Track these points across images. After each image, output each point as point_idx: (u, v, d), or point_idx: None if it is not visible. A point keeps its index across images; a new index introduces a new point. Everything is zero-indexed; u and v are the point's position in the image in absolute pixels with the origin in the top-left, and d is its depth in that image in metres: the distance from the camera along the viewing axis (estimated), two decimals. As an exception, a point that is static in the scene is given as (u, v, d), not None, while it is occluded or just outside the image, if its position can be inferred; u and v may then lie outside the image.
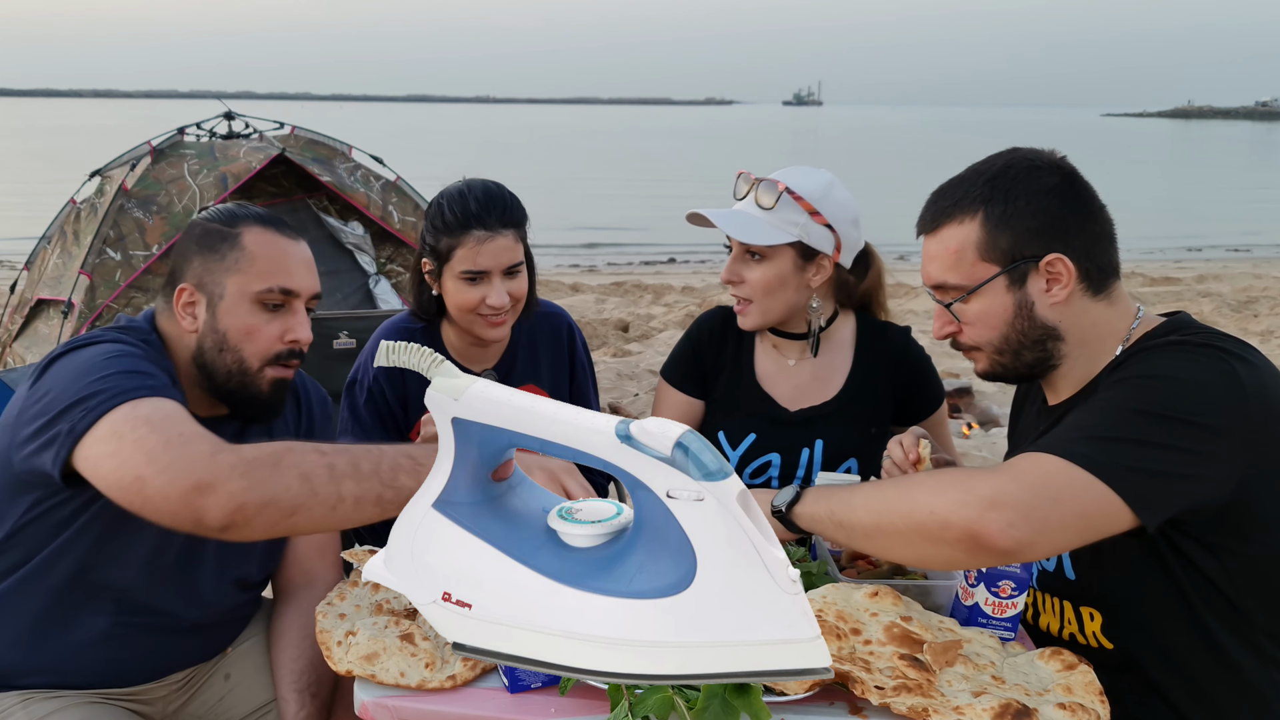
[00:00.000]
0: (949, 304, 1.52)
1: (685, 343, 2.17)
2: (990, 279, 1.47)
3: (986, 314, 1.49)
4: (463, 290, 1.96)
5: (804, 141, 61.38)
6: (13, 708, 1.52)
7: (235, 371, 1.59)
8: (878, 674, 1.28)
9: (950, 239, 1.49)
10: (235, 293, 1.58)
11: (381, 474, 1.30)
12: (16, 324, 5.36)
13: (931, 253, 1.53)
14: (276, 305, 1.60)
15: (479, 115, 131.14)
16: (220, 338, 1.58)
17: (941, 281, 1.52)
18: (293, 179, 5.56)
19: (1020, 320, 1.47)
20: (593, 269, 12.67)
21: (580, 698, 1.29)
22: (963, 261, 1.48)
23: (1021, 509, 1.26)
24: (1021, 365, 1.52)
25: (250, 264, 1.59)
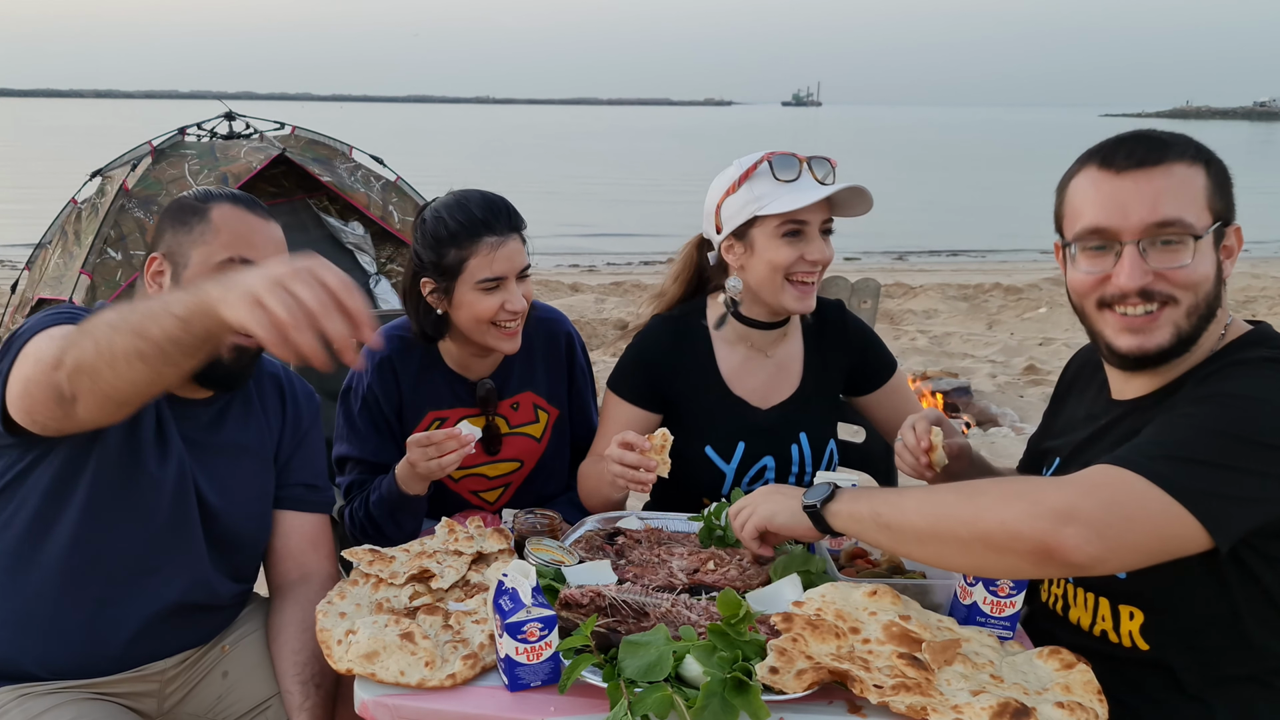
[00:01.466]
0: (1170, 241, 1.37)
1: (633, 359, 2.07)
2: (1211, 229, 1.39)
3: (1204, 266, 1.39)
4: (480, 300, 1.92)
5: (804, 142, 61.37)
6: (9, 704, 1.53)
7: None
8: (876, 673, 1.28)
9: (1184, 176, 1.38)
10: (198, 263, 1.62)
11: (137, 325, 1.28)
12: (18, 323, 5.36)
13: (1159, 186, 1.38)
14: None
15: (479, 115, 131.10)
16: None
17: (1173, 217, 1.37)
18: (293, 179, 5.57)
19: (1213, 285, 1.41)
20: (592, 269, 12.67)
21: (579, 696, 1.29)
22: (1197, 203, 1.38)
23: (1097, 525, 1.22)
24: (1192, 336, 1.42)
25: (215, 236, 1.63)
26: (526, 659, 1.30)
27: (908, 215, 17.15)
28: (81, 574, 1.58)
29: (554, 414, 2.17)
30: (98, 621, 1.60)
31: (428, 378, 2.07)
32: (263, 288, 1.15)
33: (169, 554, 1.64)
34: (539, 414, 2.16)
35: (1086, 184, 1.43)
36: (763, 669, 1.27)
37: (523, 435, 2.14)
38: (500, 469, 2.13)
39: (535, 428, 2.16)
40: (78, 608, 1.58)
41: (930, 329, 8.11)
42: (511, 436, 2.13)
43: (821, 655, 1.31)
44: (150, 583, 1.63)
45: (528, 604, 1.31)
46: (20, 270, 5.90)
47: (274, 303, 1.14)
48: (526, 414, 2.15)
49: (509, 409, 2.13)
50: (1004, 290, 9.66)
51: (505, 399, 2.12)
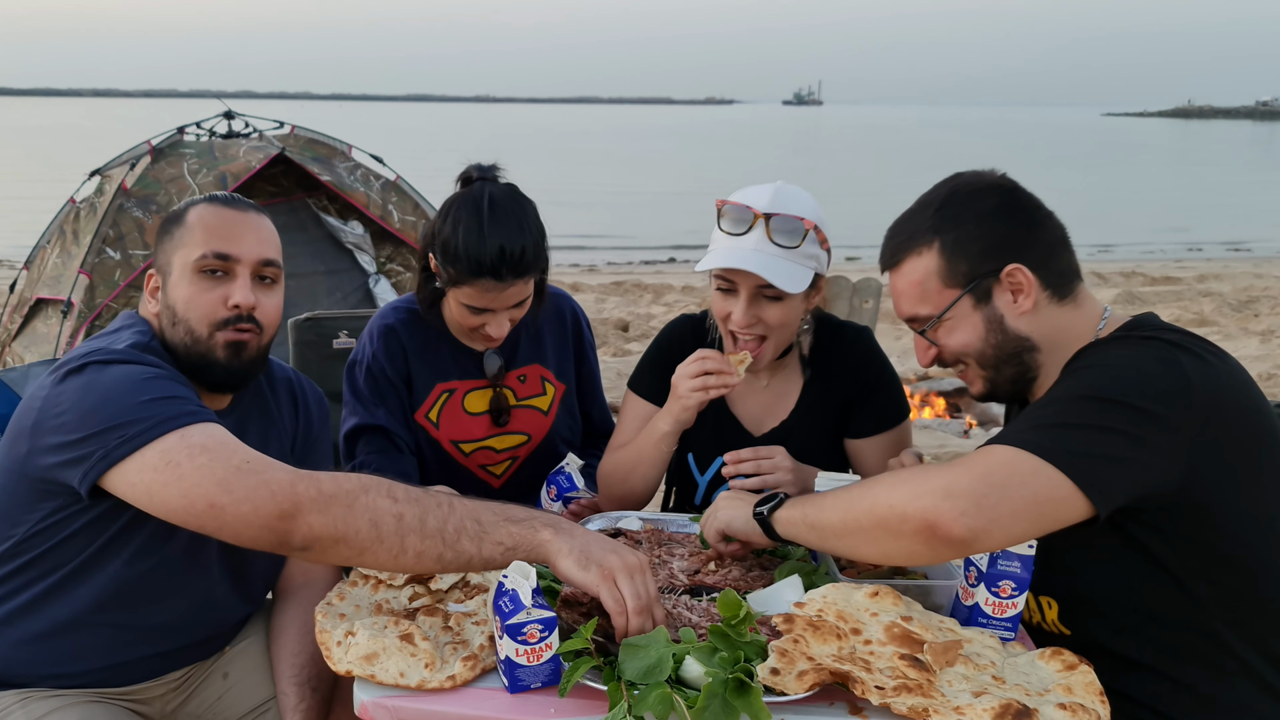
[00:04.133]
0: (923, 331, 1.58)
1: (656, 354, 2.08)
2: (955, 301, 1.52)
3: (959, 334, 1.54)
4: (465, 315, 1.97)
5: (805, 141, 61.39)
6: (11, 707, 1.52)
7: (189, 343, 1.61)
8: (878, 674, 1.28)
9: (912, 272, 1.55)
10: (179, 266, 1.62)
11: (445, 535, 1.37)
12: (16, 323, 5.36)
13: (898, 288, 1.59)
14: (214, 271, 1.61)
15: (479, 114, 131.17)
16: (172, 312, 1.62)
17: (913, 314, 1.58)
18: (292, 178, 5.56)
19: (993, 335, 1.52)
20: (593, 268, 12.67)
21: (579, 698, 1.29)
22: (928, 291, 1.54)
23: (973, 497, 1.29)
24: (1005, 380, 1.56)
25: (190, 236, 1.62)
26: (526, 660, 1.30)
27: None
28: (110, 605, 1.56)
29: (561, 388, 2.18)
30: (115, 644, 1.59)
31: (434, 350, 2.08)
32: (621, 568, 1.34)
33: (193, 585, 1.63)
34: (546, 386, 2.17)
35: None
36: (764, 670, 1.27)
37: (530, 408, 2.14)
38: (508, 441, 2.13)
39: (543, 400, 2.16)
40: (98, 631, 1.57)
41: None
42: (519, 409, 2.13)
43: (823, 656, 1.30)
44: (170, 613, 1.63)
45: (528, 605, 1.30)
46: (19, 270, 5.89)
47: (630, 587, 1.33)
48: (534, 386, 2.15)
49: (516, 381, 2.13)
50: (1004, 290, 9.64)
51: (513, 370, 2.13)
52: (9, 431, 1.55)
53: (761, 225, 1.80)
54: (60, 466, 1.44)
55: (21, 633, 1.55)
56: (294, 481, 1.36)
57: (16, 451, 1.50)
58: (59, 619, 1.55)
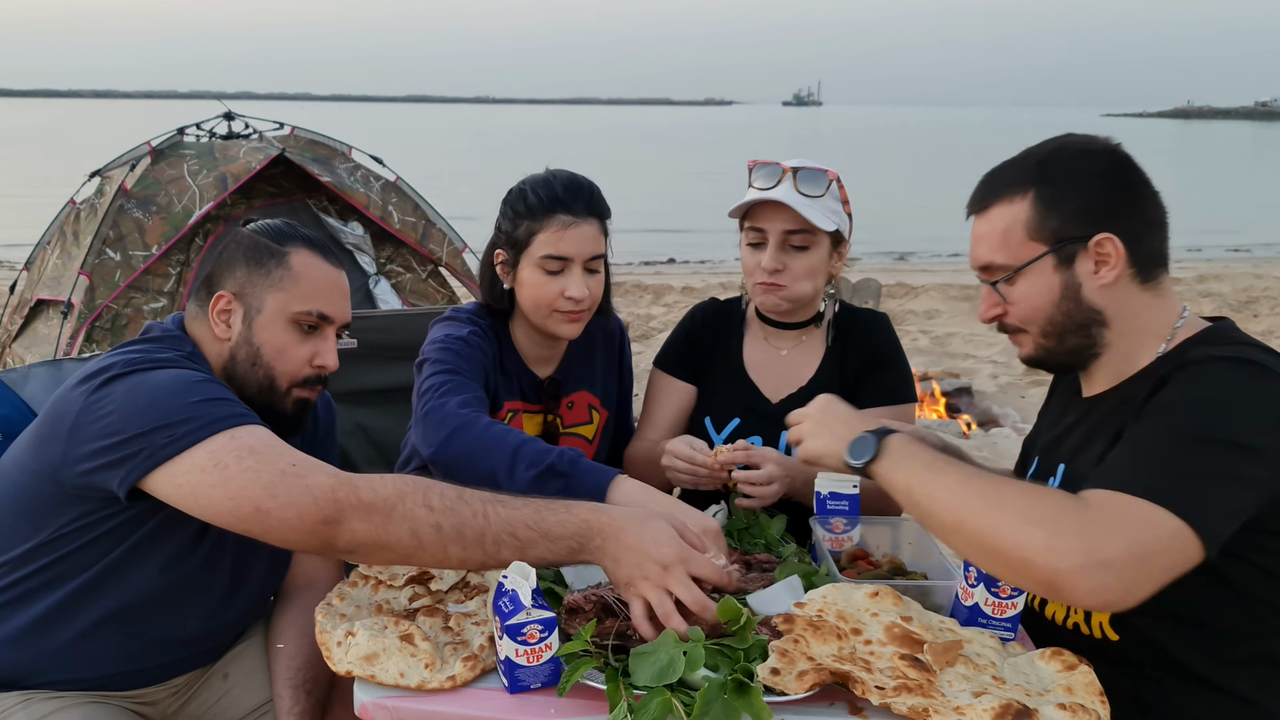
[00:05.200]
0: (995, 283, 1.51)
1: (680, 332, 2.21)
2: (1037, 258, 1.46)
3: (1032, 294, 1.48)
4: (542, 282, 1.88)
5: (804, 142, 61.38)
6: (13, 708, 1.52)
7: (264, 388, 1.62)
8: (878, 674, 1.28)
9: (999, 218, 1.49)
10: (274, 309, 1.61)
11: (485, 545, 1.38)
12: (16, 324, 5.36)
13: (980, 233, 1.53)
14: (311, 327, 1.64)
15: (479, 115, 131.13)
16: (254, 351, 1.62)
17: (989, 261, 1.51)
18: (292, 179, 5.56)
19: (1066, 302, 1.47)
20: (593, 269, 12.67)
21: (579, 698, 1.28)
22: (1010, 241, 1.48)
23: (1116, 570, 1.20)
24: (1064, 350, 1.51)
25: (294, 284, 1.62)
26: (526, 661, 1.30)
27: (909, 215, 17.13)
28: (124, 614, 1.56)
29: (604, 415, 2.15)
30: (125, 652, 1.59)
31: (507, 367, 2.01)
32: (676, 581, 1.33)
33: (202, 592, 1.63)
34: (593, 415, 2.13)
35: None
36: (764, 670, 1.27)
37: (576, 435, 2.11)
38: None
39: (588, 429, 2.13)
40: (109, 640, 1.57)
41: (932, 329, 8.11)
42: (565, 437, 2.08)
43: (823, 656, 1.30)
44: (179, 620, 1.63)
45: (527, 606, 1.30)
46: (19, 271, 5.90)
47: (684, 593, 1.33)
48: (581, 414, 2.12)
49: (565, 408, 2.09)
50: (1004, 290, 9.65)
51: (563, 396, 2.08)
52: (38, 434, 1.54)
53: (790, 178, 1.95)
54: (99, 470, 1.44)
55: (31, 638, 1.54)
56: (335, 487, 1.37)
57: (49, 455, 1.50)
58: (71, 627, 1.54)
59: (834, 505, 1.75)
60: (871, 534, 1.76)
